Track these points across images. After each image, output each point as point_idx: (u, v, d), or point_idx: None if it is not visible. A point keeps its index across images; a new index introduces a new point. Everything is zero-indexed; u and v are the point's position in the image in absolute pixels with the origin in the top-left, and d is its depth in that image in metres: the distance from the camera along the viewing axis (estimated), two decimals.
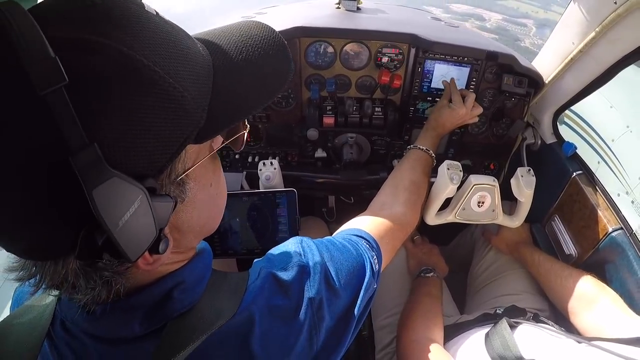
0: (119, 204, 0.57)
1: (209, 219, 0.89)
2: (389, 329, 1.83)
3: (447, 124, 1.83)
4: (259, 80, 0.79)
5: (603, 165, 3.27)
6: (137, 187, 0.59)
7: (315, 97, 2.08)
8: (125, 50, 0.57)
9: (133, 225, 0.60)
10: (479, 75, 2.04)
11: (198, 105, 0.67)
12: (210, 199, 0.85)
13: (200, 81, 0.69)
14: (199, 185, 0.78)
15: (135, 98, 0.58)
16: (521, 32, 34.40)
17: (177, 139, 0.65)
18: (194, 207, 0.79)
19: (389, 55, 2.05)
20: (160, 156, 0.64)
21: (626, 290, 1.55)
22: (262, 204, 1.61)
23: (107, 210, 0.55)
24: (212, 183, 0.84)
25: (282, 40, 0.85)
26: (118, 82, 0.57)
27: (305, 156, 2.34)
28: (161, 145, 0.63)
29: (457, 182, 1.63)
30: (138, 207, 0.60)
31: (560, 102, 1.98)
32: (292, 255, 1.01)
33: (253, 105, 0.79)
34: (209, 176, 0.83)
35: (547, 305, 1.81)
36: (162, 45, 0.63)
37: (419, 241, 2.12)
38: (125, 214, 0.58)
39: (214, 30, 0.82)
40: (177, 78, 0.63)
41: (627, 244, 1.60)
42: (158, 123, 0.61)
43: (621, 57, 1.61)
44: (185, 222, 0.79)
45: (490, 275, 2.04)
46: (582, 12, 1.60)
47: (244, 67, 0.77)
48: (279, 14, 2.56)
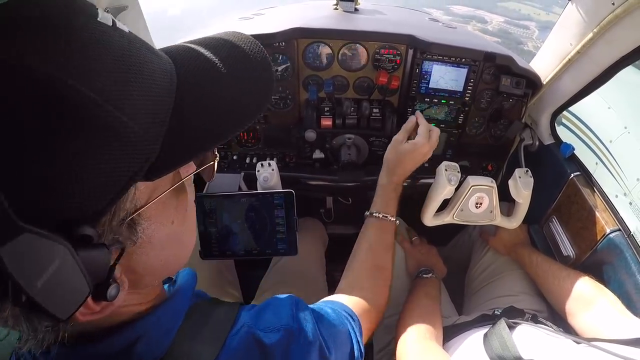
0: (34, 263, 0.48)
1: (172, 258, 0.79)
2: (387, 330, 1.83)
3: (408, 165, 1.70)
4: (234, 103, 0.69)
5: (601, 166, 3.28)
6: (57, 243, 0.50)
7: (313, 98, 2.08)
8: (49, 73, 0.48)
9: (57, 285, 0.51)
10: (477, 76, 2.04)
11: (150, 135, 0.57)
12: (172, 238, 0.75)
13: (155, 106, 0.59)
14: (156, 224, 0.69)
15: (59, 131, 0.49)
16: (524, 34, 34.41)
17: (121, 177, 0.55)
18: (151, 247, 0.70)
19: (387, 56, 2.05)
20: (97, 199, 0.54)
21: (624, 291, 1.55)
22: (260, 205, 1.61)
23: (20, 272, 0.46)
24: (174, 220, 0.74)
25: (267, 56, 0.76)
26: (33, 112, 0.47)
27: (303, 157, 2.34)
28: (98, 186, 0.53)
29: (454, 183, 1.63)
30: (60, 264, 0.51)
31: (558, 103, 1.98)
32: (282, 316, 0.92)
33: (223, 133, 0.68)
34: (169, 213, 0.73)
35: (545, 306, 1.81)
36: (105, 66, 0.53)
37: (417, 242, 2.12)
38: (43, 274, 0.49)
39: (192, 42, 0.72)
40: (119, 104, 0.53)
41: (625, 246, 1.60)
42: (92, 160, 0.51)
43: (619, 58, 1.61)
44: (140, 264, 0.69)
45: (488, 276, 2.04)
46: (580, 13, 1.61)
47: (218, 87, 0.68)
48: (276, 14, 2.56)
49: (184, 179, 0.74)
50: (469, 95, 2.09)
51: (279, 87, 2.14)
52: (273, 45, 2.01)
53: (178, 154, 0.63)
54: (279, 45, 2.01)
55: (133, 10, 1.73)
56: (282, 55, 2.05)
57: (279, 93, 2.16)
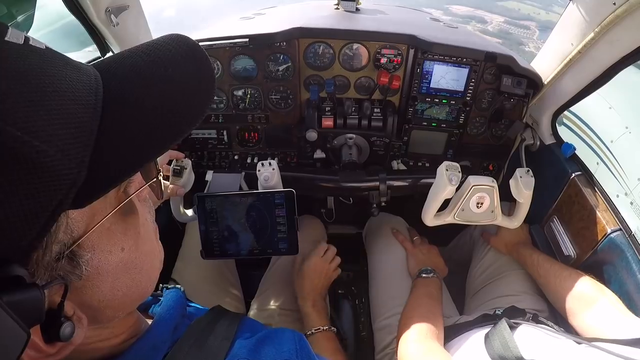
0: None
1: (132, 287, 0.71)
2: (389, 330, 1.83)
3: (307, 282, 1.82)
4: (169, 109, 0.61)
5: (602, 166, 3.27)
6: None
7: (314, 98, 2.08)
8: None
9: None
10: (478, 76, 2.04)
11: (71, 158, 0.50)
12: (125, 266, 0.68)
13: (77, 126, 0.52)
14: (103, 254, 0.63)
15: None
16: (524, 35, 34.32)
17: (44, 208, 0.49)
18: (101, 279, 0.63)
19: (388, 56, 2.05)
20: (21, 234, 0.48)
21: (625, 291, 1.55)
22: (260, 205, 1.61)
23: None
24: (124, 247, 0.67)
25: (206, 56, 0.68)
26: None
27: (304, 157, 2.34)
28: (18, 220, 0.47)
29: (455, 183, 1.63)
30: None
31: (559, 103, 1.98)
32: (284, 350, 0.86)
33: (158, 144, 0.60)
34: (116, 239, 0.66)
35: (546, 305, 1.81)
36: (10, 88, 0.47)
37: (419, 242, 2.12)
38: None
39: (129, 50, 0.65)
40: (30, 128, 0.47)
41: (626, 245, 1.60)
42: (5, 194, 0.46)
43: (620, 58, 1.61)
44: (93, 298, 0.63)
45: (490, 276, 2.03)
46: (581, 13, 1.60)
47: (149, 96, 0.60)
48: (277, 14, 2.56)
49: (127, 199, 0.67)
50: (470, 95, 2.10)
51: (280, 86, 2.14)
52: (274, 45, 2.01)
53: (110, 175, 0.56)
54: (280, 45, 2.02)
55: (134, 9, 1.73)
56: (283, 55, 2.05)
57: (280, 93, 2.16)
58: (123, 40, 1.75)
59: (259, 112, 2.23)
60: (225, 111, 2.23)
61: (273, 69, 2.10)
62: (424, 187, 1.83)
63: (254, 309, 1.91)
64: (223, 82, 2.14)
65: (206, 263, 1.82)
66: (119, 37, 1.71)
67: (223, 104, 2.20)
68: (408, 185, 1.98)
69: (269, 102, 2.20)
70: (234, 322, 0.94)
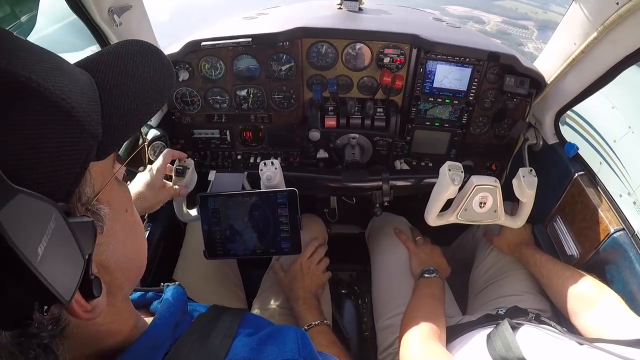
0: (32, 226, 0.49)
1: (135, 252, 0.80)
2: (391, 330, 1.83)
3: (297, 285, 1.87)
4: (142, 92, 0.73)
5: (605, 166, 3.27)
6: (48, 203, 0.52)
7: (317, 98, 2.08)
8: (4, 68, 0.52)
9: (55, 253, 0.52)
10: (481, 75, 2.04)
11: (92, 118, 0.62)
12: (130, 227, 0.78)
13: (87, 95, 0.63)
14: (114, 211, 0.72)
15: (20, 112, 0.53)
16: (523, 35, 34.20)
17: (78, 156, 0.59)
18: (115, 237, 0.72)
19: (391, 55, 2.05)
20: (65, 177, 0.57)
21: (628, 291, 1.55)
22: (263, 204, 1.61)
23: (20, 237, 0.46)
24: (127, 208, 0.79)
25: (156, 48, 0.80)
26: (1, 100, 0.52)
27: (307, 157, 2.35)
28: (62, 164, 0.56)
29: (458, 183, 1.63)
30: (55, 228, 0.52)
31: (562, 102, 1.98)
32: (287, 349, 0.86)
33: (143, 115, 0.74)
34: (122, 200, 0.77)
35: (548, 305, 1.81)
36: (40, 61, 0.58)
37: (421, 242, 2.12)
38: (42, 239, 0.50)
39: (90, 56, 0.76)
40: (63, 90, 0.57)
41: (629, 245, 1.60)
42: (54, 139, 0.55)
43: (623, 58, 1.61)
44: (110, 257, 0.71)
45: (492, 276, 2.03)
46: (584, 13, 1.60)
47: (125, 80, 0.72)
48: (280, 14, 2.56)
49: (121, 168, 0.77)
50: (472, 94, 2.10)
51: (282, 86, 2.14)
52: (277, 44, 2.01)
53: (117, 134, 0.67)
54: (283, 44, 2.02)
55: (137, 9, 1.73)
56: (286, 54, 2.05)
57: (282, 92, 2.17)
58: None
59: (262, 111, 2.23)
60: (228, 111, 2.23)
61: (276, 69, 2.10)
62: (426, 187, 1.83)
63: (255, 309, 1.92)
64: (226, 82, 2.14)
65: (208, 263, 1.82)
66: (122, 36, 1.71)
67: (226, 104, 2.21)
68: (411, 185, 1.98)
69: (271, 101, 2.20)
70: (235, 318, 0.94)
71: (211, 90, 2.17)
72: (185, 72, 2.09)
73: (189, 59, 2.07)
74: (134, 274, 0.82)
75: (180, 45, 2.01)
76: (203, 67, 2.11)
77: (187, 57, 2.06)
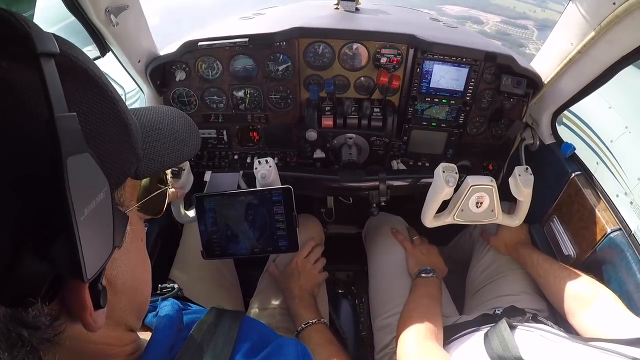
0: (87, 186, 0.53)
1: (141, 283, 0.82)
2: (388, 330, 1.83)
3: (292, 284, 1.87)
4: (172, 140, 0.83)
5: (602, 166, 3.27)
6: (104, 175, 0.57)
7: (314, 98, 2.08)
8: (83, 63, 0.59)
9: (95, 223, 0.55)
10: (478, 75, 2.05)
11: (138, 140, 0.70)
12: (142, 257, 0.82)
13: (136, 126, 0.72)
14: (134, 234, 0.75)
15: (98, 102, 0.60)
16: (523, 35, 34.17)
17: (124, 162, 0.66)
18: (129, 259, 0.74)
19: (388, 55, 2.05)
20: (115, 169, 0.63)
21: (625, 290, 1.55)
22: (258, 203, 1.61)
23: (75, 189, 0.50)
24: (142, 238, 0.83)
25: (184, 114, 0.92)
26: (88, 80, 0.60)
27: (304, 157, 2.35)
28: (115, 158, 0.63)
29: (453, 185, 1.63)
30: (102, 200, 0.57)
31: (559, 102, 1.98)
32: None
33: (176, 160, 0.82)
34: (140, 229, 0.82)
35: (545, 305, 1.81)
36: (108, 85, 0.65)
37: (418, 242, 2.12)
38: (91, 202, 0.54)
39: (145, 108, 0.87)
40: (124, 110, 0.67)
41: (626, 245, 1.60)
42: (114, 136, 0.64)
43: (620, 58, 1.61)
44: (119, 276, 0.72)
45: (489, 276, 2.04)
46: (581, 13, 1.61)
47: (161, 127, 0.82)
48: (277, 14, 2.56)
49: (142, 202, 0.84)
50: (469, 94, 2.10)
51: (279, 86, 2.14)
52: (274, 44, 2.01)
53: (151, 163, 0.75)
54: (280, 44, 2.02)
55: (134, 9, 1.73)
56: (283, 54, 2.05)
57: (279, 93, 2.17)
58: (123, 40, 1.75)
59: (259, 111, 2.23)
60: (225, 111, 2.23)
61: (273, 69, 2.10)
62: (423, 187, 1.83)
63: (254, 308, 1.91)
64: (223, 82, 2.14)
65: (205, 263, 1.82)
66: (119, 36, 1.70)
67: (223, 104, 2.20)
68: (408, 185, 1.98)
69: (268, 101, 2.20)
70: (230, 336, 0.93)
71: (208, 90, 2.17)
72: (182, 72, 2.08)
73: (185, 59, 2.07)
74: (137, 304, 0.82)
75: (177, 45, 2.01)
76: (200, 67, 2.10)
77: (184, 57, 2.06)
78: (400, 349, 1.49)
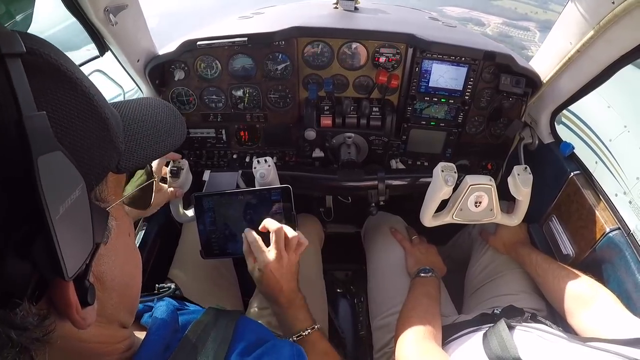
0: (60, 184, 0.54)
1: (131, 279, 0.82)
2: (387, 329, 1.83)
3: (276, 286, 1.49)
4: (156, 132, 0.82)
5: (601, 165, 3.28)
6: (79, 172, 0.58)
7: (313, 97, 2.08)
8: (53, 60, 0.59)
9: (71, 221, 0.56)
10: (477, 75, 2.05)
11: (118, 133, 0.70)
12: (130, 252, 0.83)
13: (115, 117, 0.72)
14: (120, 230, 0.76)
15: (71, 98, 0.60)
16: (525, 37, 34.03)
17: (103, 157, 0.66)
18: (116, 255, 0.75)
19: (387, 55, 2.05)
20: (93, 166, 0.64)
21: (623, 290, 1.55)
22: (257, 202, 1.61)
23: (48, 188, 0.51)
24: (130, 233, 0.83)
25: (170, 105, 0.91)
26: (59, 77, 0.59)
27: (303, 156, 2.35)
28: (93, 153, 0.63)
29: (451, 184, 1.63)
30: (78, 197, 0.57)
31: (558, 102, 1.98)
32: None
33: (160, 149, 0.81)
34: (127, 224, 0.82)
35: (544, 305, 1.81)
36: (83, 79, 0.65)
37: (417, 241, 2.12)
38: (66, 200, 0.54)
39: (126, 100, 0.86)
40: (101, 103, 0.67)
41: (625, 244, 1.60)
42: (91, 131, 0.63)
43: (619, 57, 1.61)
44: (108, 272, 0.73)
45: (488, 275, 2.03)
46: (580, 12, 1.61)
47: (144, 118, 0.81)
48: (276, 13, 2.56)
49: (131, 193, 0.87)
50: (468, 94, 2.10)
51: (278, 86, 2.14)
52: (273, 44, 2.01)
53: (133, 157, 0.74)
54: (279, 44, 2.02)
55: (133, 9, 1.73)
56: (281, 54, 2.05)
57: (278, 92, 2.17)
58: (122, 40, 1.75)
59: (258, 111, 2.23)
60: (224, 110, 2.23)
61: (272, 68, 2.10)
62: (422, 186, 1.83)
63: (253, 308, 1.90)
64: (222, 81, 2.14)
65: (203, 262, 1.81)
66: (118, 36, 1.70)
67: (222, 103, 2.20)
68: (407, 185, 1.98)
69: (267, 101, 2.20)
70: (226, 336, 0.93)
71: (207, 89, 2.17)
72: (180, 72, 2.08)
73: (184, 58, 2.07)
74: (128, 300, 0.83)
75: (176, 44, 2.01)
76: (199, 66, 2.10)
77: (182, 57, 2.06)
78: (399, 349, 1.49)
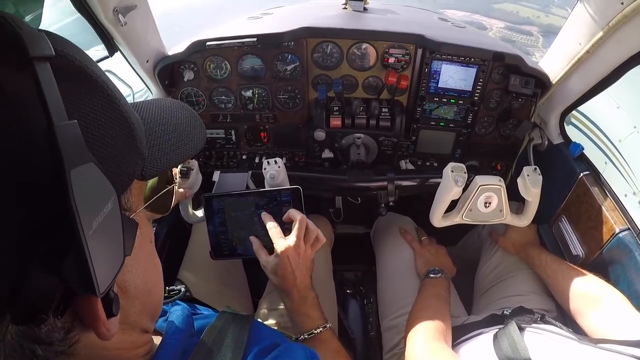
0: (93, 198, 0.51)
1: (154, 286, 0.81)
2: (397, 330, 1.83)
3: (290, 276, 1.47)
4: (178, 137, 0.80)
5: (610, 165, 3.26)
6: (111, 184, 0.55)
7: (322, 98, 2.09)
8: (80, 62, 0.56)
9: (104, 235, 0.54)
10: (486, 75, 2.04)
11: (142, 139, 0.68)
12: (152, 259, 0.82)
13: (139, 123, 0.69)
14: (143, 237, 0.75)
15: (99, 103, 0.58)
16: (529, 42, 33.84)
17: (129, 164, 0.64)
18: (139, 263, 0.74)
19: (396, 55, 2.05)
20: (120, 174, 0.61)
21: (633, 291, 1.55)
22: (267, 203, 1.61)
23: (82, 202, 0.48)
24: (151, 240, 0.82)
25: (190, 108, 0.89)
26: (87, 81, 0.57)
27: (312, 157, 2.35)
28: (120, 161, 0.61)
29: (461, 184, 1.63)
30: (110, 211, 0.55)
31: (567, 102, 1.98)
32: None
33: (181, 156, 0.80)
34: (149, 232, 0.81)
35: (554, 305, 1.80)
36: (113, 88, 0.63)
37: (427, 242, 2.11)
38: (99, 214, 0.52)
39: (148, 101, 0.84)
40: (127, 109, 0.64)
41: (635, 245, 1.59)
42: (119, 138, 0.61)
43: (628, 58, 1.61)
44: (131, 281, 0.72)
45: (498, 276, 2.03)
46: (589, 13, 1.60)
47: (167, 126, 0.79)
48: (285, 14, 2.57)
49: (147, 204, 0.82)
50: (478, 94, 2.10)
51: (287, 86, 2.15)
52: (282, 44, 2.02)
53: (156, 163, 0.72)
54: (288, 44, 2.02)
55: (142, 9, 1.74)
56: (291, 54, 2.06)
57: (288, 92, 2.17)
58: (131, 40, 1.75)
59: (267, 111, 2.24)
60: (233, 111, 2.24)
61: (281, 69, 2.11)
62: (432, 187, 1.83)
63: (263, 309, 1.90)
64: (231, 82, 2.15)
65: (213, 263, 1.81)
66: (127, 36, 1.71)
67: (231, 104, 2.21)
68: (416, 185, 1.98)
69: (276, 101, 2.21)
70: (241, 341, 0.94)
71: (216, 90, 2.18)
72: (190, 72, 2.09)
73: (194, 58, 2.08)
74: (151, 308, 0.82)
75: (186, 45, 2.02)
76: (208, 67, 2.11)
77: (192, 57, 2.07)
78: (409, 349, 1.49)
